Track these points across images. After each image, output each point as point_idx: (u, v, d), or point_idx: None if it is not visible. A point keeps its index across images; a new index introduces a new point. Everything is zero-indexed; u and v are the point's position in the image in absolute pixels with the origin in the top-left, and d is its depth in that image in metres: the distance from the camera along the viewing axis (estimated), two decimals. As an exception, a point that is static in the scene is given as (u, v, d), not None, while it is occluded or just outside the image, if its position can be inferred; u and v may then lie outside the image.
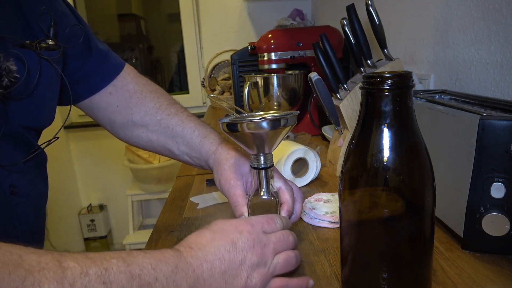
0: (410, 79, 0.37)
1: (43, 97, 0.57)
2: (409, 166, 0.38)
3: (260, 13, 2.23)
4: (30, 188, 0.58)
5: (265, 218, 0.47)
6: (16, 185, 0.55)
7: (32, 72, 0.53)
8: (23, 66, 0.51)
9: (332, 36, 1.31)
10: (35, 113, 0.57)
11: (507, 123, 0.47)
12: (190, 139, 0.66)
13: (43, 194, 0.63)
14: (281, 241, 0.45)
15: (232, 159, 0.60)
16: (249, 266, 0.42)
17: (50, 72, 0.57)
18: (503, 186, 0.48)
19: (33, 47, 0.53)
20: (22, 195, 0.56)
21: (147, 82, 0.72)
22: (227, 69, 2.17)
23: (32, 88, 0.54)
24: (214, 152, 0.63)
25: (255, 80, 1.21)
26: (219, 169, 0.61)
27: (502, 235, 0.49)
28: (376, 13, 0.81)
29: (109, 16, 2.67)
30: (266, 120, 0.49)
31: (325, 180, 0.86)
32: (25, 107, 0.55)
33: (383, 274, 0.40)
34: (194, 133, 0.66)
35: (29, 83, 0.53)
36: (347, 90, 0.84)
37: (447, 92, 0.71)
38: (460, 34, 0.78)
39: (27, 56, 0.52)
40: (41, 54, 0.54)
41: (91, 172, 2.51)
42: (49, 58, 0.55)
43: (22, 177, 0.57)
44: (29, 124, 0.57)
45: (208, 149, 0.64)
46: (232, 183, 0.58)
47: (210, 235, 0.43)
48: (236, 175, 0.59)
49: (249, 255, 0.42)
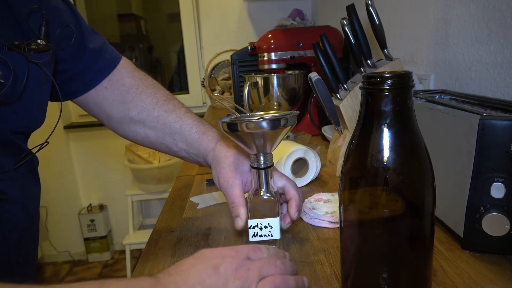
0: (410, 79, 0.37)
1: (31, 101, 0.55)
2: (409, 166, 0.38)
3: (260, 13, 2.23)
4: (20, 193, 0.57)
5: (251, 246, 0.46)
6: (5, 191, 0.54)
7: (19, 76, 0.51)
8: (9, 71, 0.50)
9: (332, 36, 1.31)
10: (23, 116, 0.55)
11: (507, 123, 0.47)
12: (188, 136, 0.65)
13: (35, 196, 0.62)
14: (266, 265, 0.43)
15: (232, 157, 0.60)
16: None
17: (39, 74, 0.55)
18: (503, 186, 0.48)
19: (22, 49, 0.51)
20: (12, 202, 0.55)
21: (144, 76, 0.70)
22: (227, 69, 2.17)
23: (19, 92, 0.53)
24: (213, 149, 0.63)
25: (255, 80, 1.21)
26: (217, 167, 0.60)
27: (502, 235, 0.49)
28: (376, 13, 0.81)
29: (109, 16, 2.67)
30: (266, 120, 0.49)
31: (325, 180, 0.86)
32: (13, 111, 0.53)
33: (383, 274, 0.40)
34: (192, 130, 0.65)
35: (16, 87, 0.52)
36: (347, 90, 0.84)
37: (447, 92, 0.71)
38: (460, 34, 0.78)
39: (14, 60, 0.50)
40: (29, 57, 0.52)
41: (91, 172, 2.51)
42: (38, 62, 0.53)
43: (12, 183, 0.56)
44: (18, 128, 0.55)
45: (207, 146, 0.64)
46: (230, 182, 0.58)
47: (192, 261, 0.42)
48: (235, 174, 0.59)
49: (231, 278, 0.41)
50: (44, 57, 0.54)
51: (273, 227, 0.54)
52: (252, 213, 0.55)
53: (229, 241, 0.61)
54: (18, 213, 0.57)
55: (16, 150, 0.56)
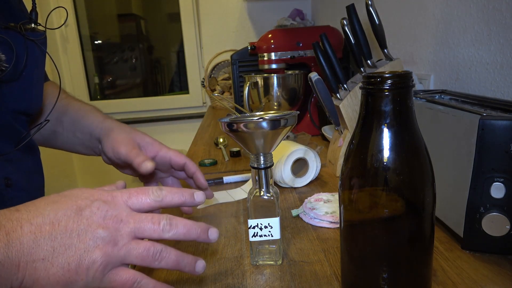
0: (410, 79, 0.37)
1: (31, 78, 0.57)
2: (409, 166, 0.38)
3: (260, 13, 2.23)
4: (25, 181, 0.58)
5: (135, 189, 0.38)
6: (11, 177, 0.55)
7: (19, 54, 0.53)
8: (10, 49, 0.51)
9: (332, 36, 1.31)
10: (25, 95, 0.57)
11: (507, 123, 0.47)
12: (74, 112, 0.66)
13: (39, 187, 0.63)
14: (147, 223, 0.35)
15: (127, 127, 0.61)
16: (91, 239, 0.34)
17: (36, 53, 0.57)
18: (503, 186, 0.48)
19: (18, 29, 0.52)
20: (17, 188, 0.56)
21: None
22: (227, 69, 2.17)
23: (20, 70, 0.54)
24: (102, 122, 0.63)
25: (255, 80, 1.21)
26: (112, 133, 0.60)
27: (502, 235, 0.49)
28: (376, 13, 0.81)
29: (109, 16, 2.67)
30: (266, 120, 0.49)
31: (325, 180, 0.86)
32: (15, 89, 0.55)
33: (383, 274, 0.40)
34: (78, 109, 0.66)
35: (17, 65, 0.53)
36: (347, 90, 0.84)
37: (447, 92, 0.71)
38: (460, 34, 0.78)
39: (13, 38, 0.51)
40: (26, 35, 0.53)
41: (91, 172, 2.51)
42: (35, 39, 0.55)
43: (16, 169, 0.56)
44: (20, 107, 0.56)
45: (93, 120, 0.64)
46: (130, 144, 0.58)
47: (55, 198, 0.36)
48: (133, 141, 0.59)
49: (94, 226, 0.34)
50: (39, 36, 0.56)
51: (273, 227, 0.54)
52: (252, 213, 0.55)
53: (229, 240, 0.61)
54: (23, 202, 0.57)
55: (17, 136, 0.57)
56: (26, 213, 0.34)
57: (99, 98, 2.58)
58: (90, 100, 2.49)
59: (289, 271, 0.52)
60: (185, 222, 0.37)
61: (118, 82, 2.70)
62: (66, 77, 2.40)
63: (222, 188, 0.85)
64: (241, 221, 0.68)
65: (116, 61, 2.66)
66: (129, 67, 2.67)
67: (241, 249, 0.58)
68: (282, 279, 0.50)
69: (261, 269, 0.53)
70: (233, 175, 0.90)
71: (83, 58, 2.45)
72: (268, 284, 0.49)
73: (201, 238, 0.38)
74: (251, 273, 0.52)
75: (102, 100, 2.56)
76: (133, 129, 0.62)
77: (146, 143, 0.62)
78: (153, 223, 0.36)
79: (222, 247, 0.59)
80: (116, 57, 2.65)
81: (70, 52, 2.38)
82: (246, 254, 0.57)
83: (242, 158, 1.08)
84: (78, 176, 2.52)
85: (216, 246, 0.59)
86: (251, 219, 0.54)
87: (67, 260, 0.33)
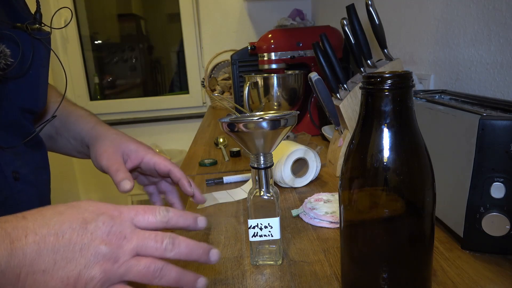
0: (410, 79, 0.37)
1: (38, 76, 0.58)
2: (409, 166, 0.38)
3: (260, 13, 2.23)
4: (33, 176, 0.59)
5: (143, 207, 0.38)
6: (19, 171, 0.56)
7: (25, 52, 0.53)
8: (17, 47, 0.52)
9: (332, 36, 1.31)
10: (31, 92, 0.57)
11: (507, 123, 0.47)
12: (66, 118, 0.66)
13: (46, 181, 0.63)
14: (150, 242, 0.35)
15: (113, 135, 0.61)
16: (93, 254, 0.34)
17: (42, 52, 0.58)
18: (503, 186, 0.48)
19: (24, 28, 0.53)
20: (25, 182, 0.57)
21: None
22: (227, 69, 2.17)
23: (27, 68, 0.55)
24: (92, 129, 0.63)
25: (255, 80, 1.21)
26: (96, 143, 0.61)
27: (502, 235, 0.49)
28: (376, 13, 0.81)
29: (109, 16, 2.67)
30: (266, 120, 0.49)
31: (325, 180, 0.86)
32: (22, 87, 0.56)
33: (383, 274, 0.40)
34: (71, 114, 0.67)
35: (23, 63, 0.54)
36: (347, 90, 0.84)
37: (447, 92, 0.71)
38: (460, 34, 0.78)
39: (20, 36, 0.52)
40: (32, 34, 0.54)
41: (91, 172, 2.51)
42: (41, 38, 0.56)
43: (24, 164, 0.57)
44: (26, 105, 0.57)
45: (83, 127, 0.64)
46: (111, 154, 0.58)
47: (62, 208, 0.36)
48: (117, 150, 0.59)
49: (98, 241, 0.34)
50: (45, 35, 0.57)
51: (273, 227, 0.54)
52: (252, 213, 0.55)
53: (229, 240, 0.61)
54: (32, 196, 0.58)
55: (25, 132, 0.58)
56: (32, 222, 0.34)
57: (99, 98, 2.57)
58: (90, 100, 2.48)
59: (289, 271, 0.52)
60: (188, 243, 0.37)
61: (118, 82, 2.70)
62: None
63: (222, 188, 0.85)
64: (241, 221, 0.68)
65: (116, 61, 2.66)
66: (129, 67, 2.67)
67: (241, 249, 0.58)
68: (282, 279, 0.50)
69: (261, 269, 0.53)
70: (233, 175, 0.90)
71: (83, 58, 2.45)
72: (268, 284, 0.49)
73: (202, 259, 0.38)
74: (251, 273, 0.52)
75: (102, 100, 2.55)
76: (119, 135, 0.62)
77: (130, 151, 0.61)
78: (156, 242, 0.36)
79: (222, 247, 0.59)
80: (116, 57, 2.65)
81: (70, 52, 2.39)
82: (246, 254, 0.57)
83: (242, 158, 1.08)
84: (78, 176, 2.52)
85: (216, 246, 0.59)
86: (251, 219, 0.54)
87: (67, 274, 0.33)
